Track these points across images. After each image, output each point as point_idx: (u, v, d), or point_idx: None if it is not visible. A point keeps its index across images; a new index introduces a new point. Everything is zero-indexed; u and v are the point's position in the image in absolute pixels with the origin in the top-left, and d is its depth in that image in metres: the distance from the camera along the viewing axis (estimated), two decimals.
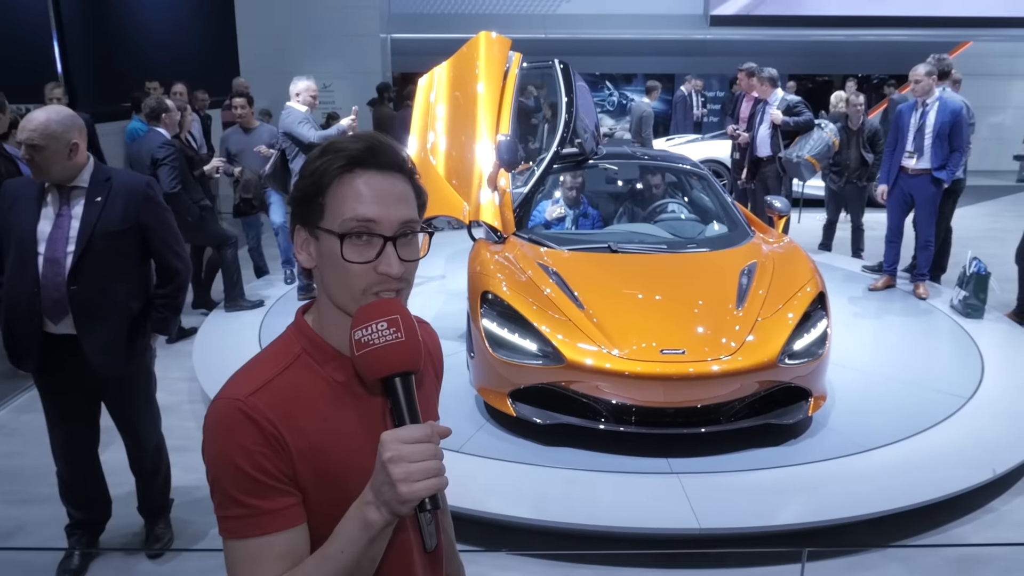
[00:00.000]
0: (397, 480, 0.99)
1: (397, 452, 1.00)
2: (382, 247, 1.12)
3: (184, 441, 4.19)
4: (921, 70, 5.97)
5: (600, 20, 13.13)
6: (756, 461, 3.79)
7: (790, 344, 3.91)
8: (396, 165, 1.15)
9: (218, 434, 1.11)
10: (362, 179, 1.12)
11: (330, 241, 1.12)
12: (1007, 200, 12.14)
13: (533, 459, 3.80)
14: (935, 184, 6.09)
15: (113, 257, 2.85)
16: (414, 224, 1.15)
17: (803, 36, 13.22)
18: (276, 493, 1.10)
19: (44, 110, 2.76)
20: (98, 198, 2.81)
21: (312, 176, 1.14)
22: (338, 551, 1.06)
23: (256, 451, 1.08)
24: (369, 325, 1.06)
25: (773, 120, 7.27)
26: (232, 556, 1.13)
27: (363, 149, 1.13)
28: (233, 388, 1.13)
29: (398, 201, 1.14)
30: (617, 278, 4.38)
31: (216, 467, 1.11)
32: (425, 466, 1.00)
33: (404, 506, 1.00)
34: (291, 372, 1.16)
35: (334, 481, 1.12)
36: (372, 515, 1.03)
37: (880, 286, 6.57)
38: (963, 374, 4.82)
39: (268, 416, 1.09)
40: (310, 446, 1.11)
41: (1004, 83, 14.08)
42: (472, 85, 4.97)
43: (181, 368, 5.26)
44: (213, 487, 1.12)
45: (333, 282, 1.15)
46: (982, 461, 3.77)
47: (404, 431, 1.02)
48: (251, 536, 1.10)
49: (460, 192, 4.84)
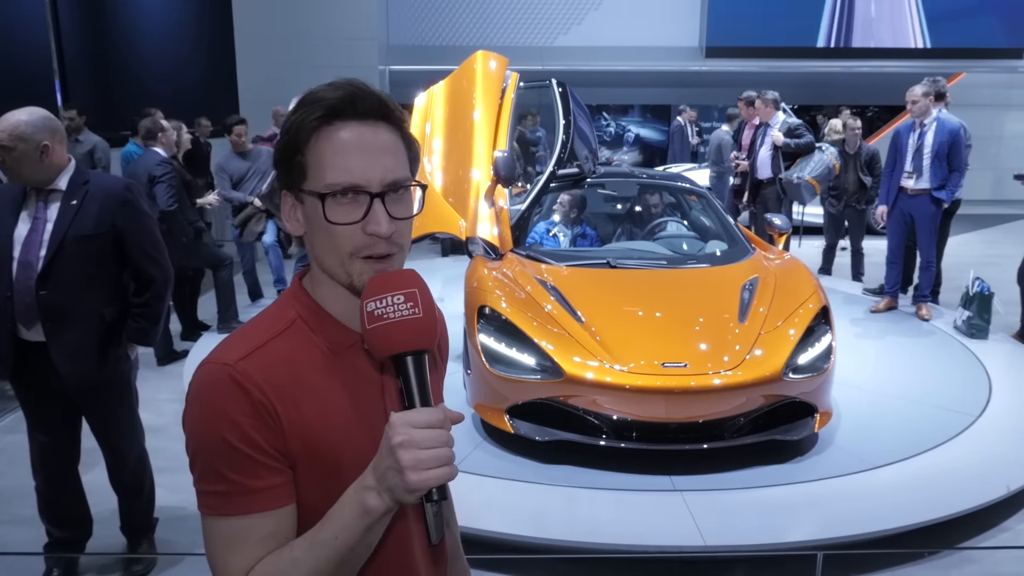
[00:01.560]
0: (406, 467, 0.90)
1: (408, 437, 0.91)
2: (369, 205, 1.01)
3: (172, 462, 4.07)
4: (918, 91, 5.99)
5: (597, 52, 13.26)
6: (762, 478, 3.68)
7: (794, 358, 3.83)
8: (380, 113, 1.04)
9: (203, 401, 1.00)
10: (342, 131, 1.02)
11: (314, 203, 1.03)
12: (1005, 228, 12.14)
13: (532, 477, 3.69)
14: (935, 204, 6.07)
15: (85, 262, 2.75)
16: (404, 179, 1.05)
17: (797, 67, 13.35)
18: (264, 470, 1.00)
19: (17, 111, 2.69)
20: (73, 201, 2.73)
21: (289, 133, 1.04)
22: (331, 536, 0.96)
23: (245, 422, 0.98)
24: (384, 297, 0.97)
25: (775, 141, 7.27)
26: (211, 535, 1.02)
27: (342, 98, 1.02)
28: (222, 352, 1.03)
29: (384, 153, 1.03)
30: (617, 293, 4.31)
31: (198, 438, 1.00)
32: (436, 453, 0.92)
33: (410, 495, 0.92)
34: (285, 338, 1.05)
35: (326, 459, 1.02)
36: (372, 501, 0.94)
37: (882, 308, 6.50)
38: (970, 393, 4.72)
39: (259, 383, 0.99)
40: (302, 418, 1.01)
41: (998, 113, 14.18)
42: (469, 102, 4.96)
43: (171, 390, 5.15)
44: (193, 459, 1.02)
45: (321, 247, 1.05)
46: (995, 478, 3.66)
47: (415, 414, 0.93)
48: (233, 514, 1.00)
49: (457, 208, 4.79)
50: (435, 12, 13.26)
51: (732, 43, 13.35)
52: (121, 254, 2.85)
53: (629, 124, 14.42)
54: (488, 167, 4.71)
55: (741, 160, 7.85)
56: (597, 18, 13.48)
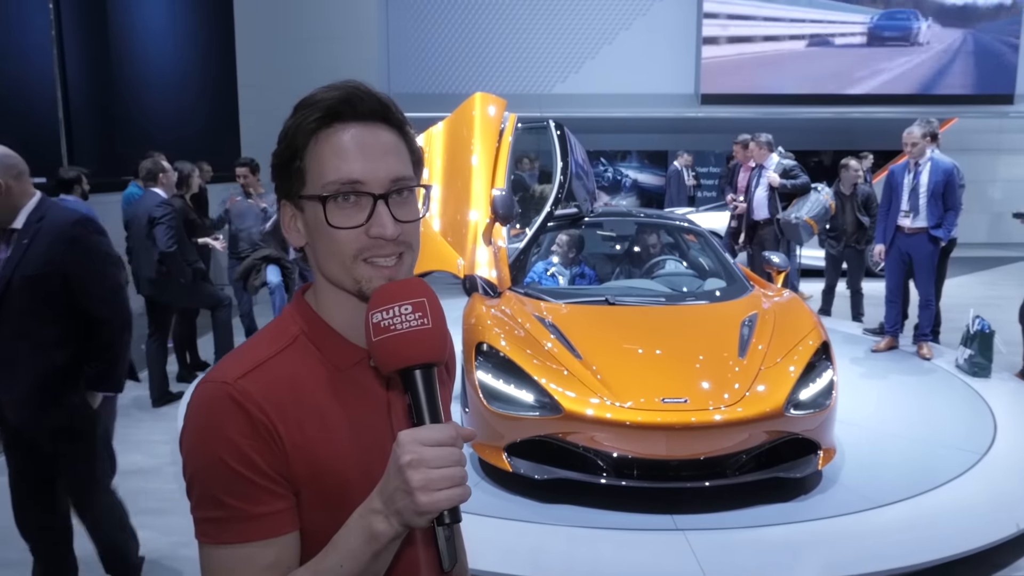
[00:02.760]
0: (416, 488, 0.84)
1: (417, 456, 0.85)
2: (372, 207, 0.97)
3: (164, 503, 4.02)
4: (917, 132, 6.07)
5: (594, 99, 13.47)
6: (766, 517, 3.60)
7: (795, 393, 3.78)
8: (380, 115, 1.01)
9: (200, 422, 0.95)
10: (342, 134, 0.98)
11: (314, 208, 0.99)
12: (1003, 270, 12.17)
13: (531, 516, 3.61)
14: (932, 242, 6.09)
15: (32, 303, 2.62)
16: (407, 180, 1.01)
17: (791, 114, 13.54)
18: (264, 494, 0.94)
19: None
20: (25, 240, 2.63)
21: (286, 138, 1.01)
22: (336, 564, 0.90)
23: (244, 443, 0.93)
24: (391, 308, 0.91)
25: (770, 183, 7.33)
26: (207, 565, 0.96)
27: (340, 99, 0.99)
28: (220, 370, 0.98)
29: (385, 154, 0.99)
30: (616, 330, 4.28)
31: (195, 460, 0.95)
32: (448, 473, 0.86)
33: (421, 518, 0.86)
34: (287, 355, 1.00)
35: (331, 483, 0.97)
36: (380, 526, 0.88)
37: (883, 347, 6.46)
38: (975, 431, 4.66)
39: (259, 403, 0.94)
40: (306, 439, 0.96)
41: (991, 157, 14.34)
42: (467, 142, 5.00)
43: (165, 432, 5.09)
44: (190, 484, 0.96)
45: (323, 254, 1.01)
46: (1004, 516, 3.58)
47: (424, 432, 0.88)
48: (231, 543, 0.94)
49: (455, 247, 4.79)
50: (435, 60, 13.51)
51: (726, 90, 13.57)
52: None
53: (626, 170, 14.55)
54: (486, 206, 4.73)
55: (738, 202, 7.92)
56: (594, 66, 13.73)
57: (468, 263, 4.69)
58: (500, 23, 13.68)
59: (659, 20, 13.64)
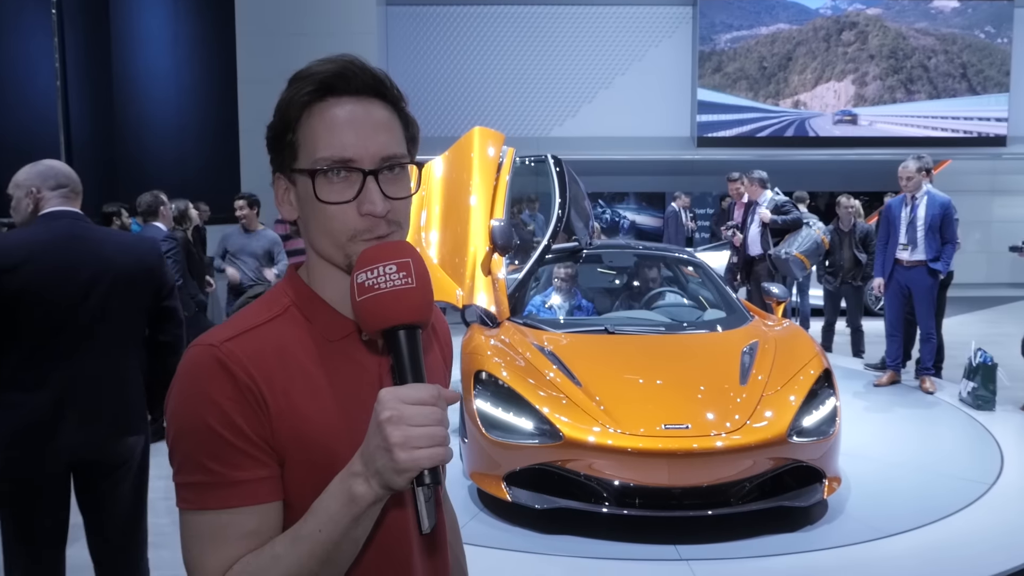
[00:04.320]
0: (395, 444, 0.83)
1: (397, 412, 0.84)
2: (362, 184, 0.97)
3: (157, 537, 3.89)
4: (912, 167, 6.13)
5: (591, 142, 13.62)
6: (771, 547, 3.52)
7: (798, 420, 3.74)
8: (375, 90, 1.01)
9: (185, 383, 0.94)
10: (335, 108, 0.98)
11: (305, 183, 0.98)
12: (1002, 309, 12.17)
13: (531, 547, 3.54)
14: (931, 275, 6.10)
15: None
16: (399, 157, 1.00)
17: (786, 156, 13.69)
18: (247, 460, 0.92)
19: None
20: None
21: (280, 110, 1.01)
22: (314, 529, 0.88)
23: (228, 406, 0.91)
24: (375, 267, 0.91)
25: (762, 219, 7.37)
26: (187, 531, 0.94)
27: (334, 72, 0.98)
28: (209, 335, 0.97)
29: (377, 129, 0.99)
30: (616, 358, 4.25)
31: (178, 422, 0.93)
32: (428, 431, 0.84)
33: (400, 477, 0.84)
34: (277, 323, 1.00)
35: (318, 453, 0.94)
36: (359, 488, 0.86)
37: (885, 382, 6.42)
38: (981, 462, 4.60)
39: (245, 366, 0.93)
40: (292, 407, 0.95)
41: (987, 198, 14.46)
42: (467, 174, 5.04)
43: (158, 466, 4.97)
44: (173, 448, 0.94)
45: (314, 229, 1.00)
46: (1014, 545, 3.52)
47: (406, 390, 0.87)
48: (211, 508, 0.92)
49: (454, 277, 4.79)
50: (435, 104, 13.69)
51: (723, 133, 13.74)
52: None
53: (624, 211, 14.64)
54: (485, 237, 4.74)
55: (737, 231, 7.95)
56: (591, 110, 13.92)
57: (467, 293, 4.68)
58: (498, 67, 13.91)
59: (654, 64, 13.87)
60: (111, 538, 2.71)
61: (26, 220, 2.57)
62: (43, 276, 2.40)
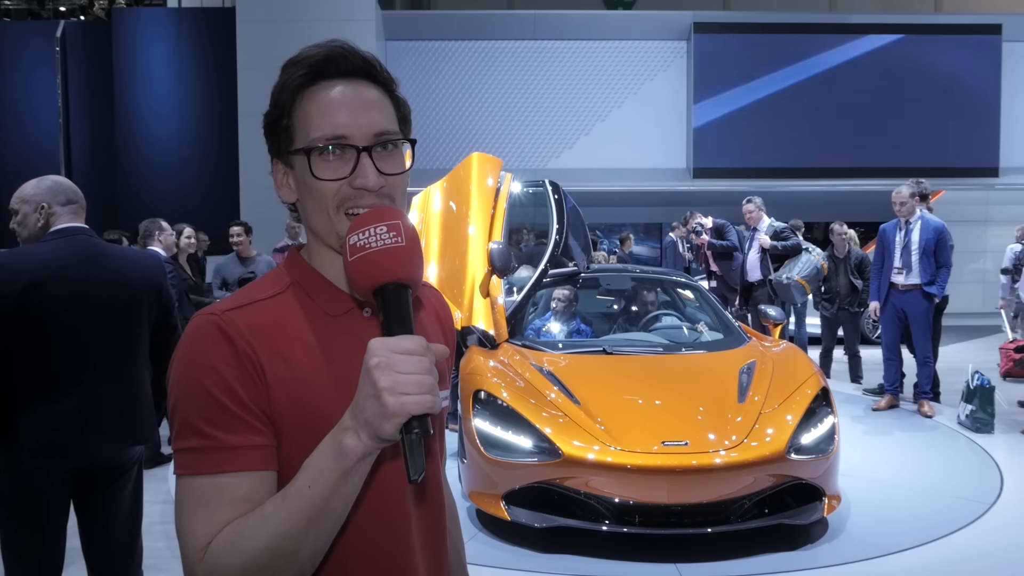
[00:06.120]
0: (383, 389, 0.84)
1: (386, 359, 0.85)
2: (356, 159, 1.00)
3: (153, 560, 3.89)
4: (905, 192, 6.21)
5: (588, 174, 13.75)
6: (772, 565, 3.51)
7: (797, 437, 3.74)
8: (365, 72, 1.04)
9: (186, 349, 0.97)
10: (327, 90, 1.02)
11: (302, 163, 1.02)
12: (999, 337, 12.16)
13: (531, 567, 3.52)
14: (927, 299, 6.14)
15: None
16: (392, 133, 1.04)
17: (781, 187, 13.81)
18: (242, 426, 0.94)
19: None
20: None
21: (274, 98, 1.05)
22: (304, 486, 0.89)
23: (226, 371, 0.94)
24: (367, 229, 0.94)
25: (761, 244, 7.43)
26: (181, 496, 0.95)
27: (325, 56, 1.02)
28: (213, 306, 1.01)
29: (368, 107, 1.03)
30: (615, 379, 4.26)
31: (179, 387, 0.96)
32: (416, 379, 0.85)
33: (388, 423, 0.84)
34: (280, 299, 1.03)
35: (316, 424, 0.96)
36: (349, 441, 0.87)
37: (883, 406, 6.42)
38: (981, 482, 4.60)
39: (244, 334, 0.96)
40: (292, 376, 0.97)
41: (980, 228, 14.57)
42: (465, 198, 5.09)
43: (154, 492, 4.96)
44: (172, 413, 0.97)
45: (310, 208, 1.04)
46: (1016, 563, 3.50)
47: (394, 340, 0.89)
48: (205, 473, 0.93)
49: (452, 300, 4.82)
50: (433, 136, 13.84)
51: (717, 164, 13.88)
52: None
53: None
54: (483, 259, 4.78)
55: (700, 228, 8.11)
56: (588, 142, 14.08)
57: (465, 315, 4.71)
58: (496, 101, 14.09)
59: (650, 97, 14.06)
60: (113, 547, 2.69)
61: (34, 235, 2.59)
62: (67, 292, 2.44)
